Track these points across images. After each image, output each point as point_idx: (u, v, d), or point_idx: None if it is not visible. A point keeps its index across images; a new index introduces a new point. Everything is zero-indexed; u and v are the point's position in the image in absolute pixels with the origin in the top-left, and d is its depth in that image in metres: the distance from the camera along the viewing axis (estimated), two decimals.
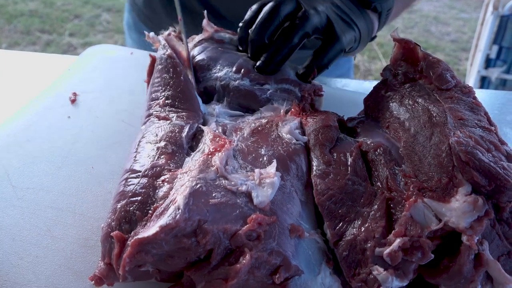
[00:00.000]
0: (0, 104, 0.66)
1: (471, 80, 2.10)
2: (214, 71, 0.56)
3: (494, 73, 2.02)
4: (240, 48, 0.59)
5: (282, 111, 0.52)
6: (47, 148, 0.54)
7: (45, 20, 2.87)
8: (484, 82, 2.07)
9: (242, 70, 0.56)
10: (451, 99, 0.43)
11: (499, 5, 1.98)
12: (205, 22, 0.62)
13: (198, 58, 0.58)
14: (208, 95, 0.55)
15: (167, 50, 0.55)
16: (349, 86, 0.76)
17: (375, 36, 0.66)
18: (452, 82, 0.45)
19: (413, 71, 0.48)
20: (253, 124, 0.49)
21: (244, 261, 0.34)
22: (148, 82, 0.56)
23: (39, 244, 0.43)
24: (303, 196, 0.43)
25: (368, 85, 0.77)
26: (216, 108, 0.53)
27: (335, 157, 0.45)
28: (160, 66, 0.54)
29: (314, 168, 0.44)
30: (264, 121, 0.50)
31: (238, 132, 0.47)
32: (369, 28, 0.62)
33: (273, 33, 0.56)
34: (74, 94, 0.62)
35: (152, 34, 0.58)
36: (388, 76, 0.50)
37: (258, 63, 0.56)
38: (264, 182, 0.39)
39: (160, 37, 0.58)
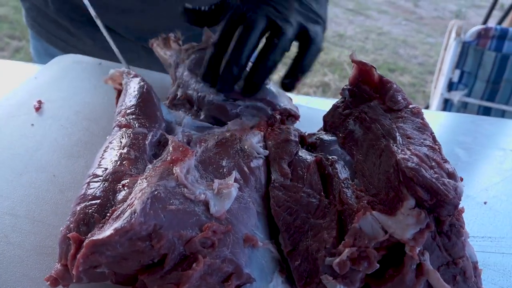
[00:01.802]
0: None
1: (435, 102, 2.19)
2: (194, 80, 0.59)
3: (456, 96, 2.11)
4: (206, 74, 0.57)
5: (248, 126, 0.54)
6: (8, 155, 0.53)
7: (15, 26, 2.82)
8: (447, 105, 2.16)
9: None
10: (402, 118, 0.46)
11: (462, 32, 2.08)
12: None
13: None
14: (189, 102, 0.58)
15: (131, 74, 0.57)
16: (314, 104, 0.79)
17: None
18: (403, 103, 0.47)
19: (369, 91, 0.50)
20: (217, 137, 0.50)
21: (197, 267, 0.35)
22: None
23: None
24: (260, 208, 0.44)
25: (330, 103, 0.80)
26: (185, 119, 0.54)
27: (292, 170, 0.46)
28: (127, 88, 0.55)
29: (272, 180, 0.46)
30: (228, 134, 0.51)
31: (203, 144, 0.49)
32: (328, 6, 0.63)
33: (248, 57, 0.55)
34: (39, 102, 0.62)
35: (112, 71, 0.59)
36: (346, 95, 0.52)
37: (242, 89, 0.56)
38: (222, 192, 0.41)
39: (123, 68, 0.60)
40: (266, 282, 0.39)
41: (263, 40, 0.57)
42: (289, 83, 0.57)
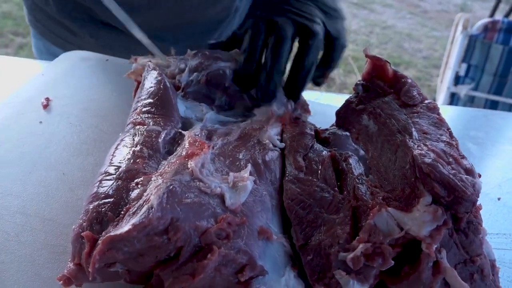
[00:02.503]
0: None
1: (441, 96, 2.17)
2: (218, 63, 0.59)
3: (463, 90, 2.10)
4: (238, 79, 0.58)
5: (273, 113, 0.55)
6: (17, 153, 0.53)
7: (19, 22, 2.81)
8: (453, 99, 2.14)
9: None
10: (417, 114, 0.45)
11: (468, 25, 2.06)
12: None
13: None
14: (214, 80, 0.57)
15: (150, 67, 0.56)
16: (322, 99, 0.78)
17: None
18: (418, 98, 0.47)
19: (383, 86, 0.50)
20: (240, 130, 0.51)
21: (211, 257, 0.35)
22: None
23: (6, 249, 0.42)
24: (274, 201, 0.44)
25: (340, 99, 0.80)
26: (207, 114, 0.54)
27: (307, 164, 0.46)
28: (144, 82, 0.55)
29: (287, 173, 0.46)
30: (249, 127, 0.51)
31: (225, 137, 0.49)
32: None
33: (285, 65, 0.57)
34: (47, 99, 0.61)
35: (135, 65, 0.59)
36: (360, 90, 0.52)
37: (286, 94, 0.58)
38: (237, 185, 0.40)
39: (144, 60, 0.60)
40: (279, 276, 0.39)
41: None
42: (319, 80, 0.60)
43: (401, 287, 0.37)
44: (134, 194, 0.39)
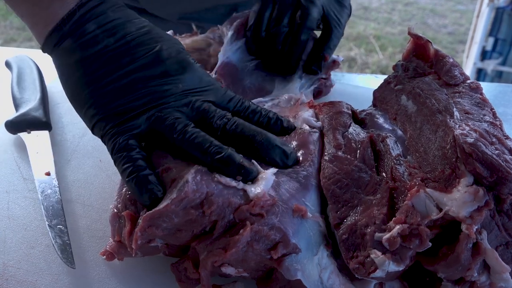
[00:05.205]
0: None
1: (467, 72, 2.10)
2: None
3: (490, 65, 2.04)
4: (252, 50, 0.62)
5: (299, 99, 0.54)
6: (57, 141, 0.55)
7: None
8: (480, 74, 2.09)
9: None
10: (459, 93, 0.44)
11: None
12: None
13: None
14: None
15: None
16: (345, 80, 0.77)
17: None
18: (460, 78, 0.46)
19: (423, 66, 0.49)
20: None
21: (243, 233, 0.35)
22: None
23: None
24: (314, 181, 0.44)
25: (362, 79, 0.79)
26: None
27: (346, 142, 0.46)
28: None
29: (325, 152, 0.45)
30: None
31: None
32: None
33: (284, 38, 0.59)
34: None
35: None
36: (399, 70, 0.51)
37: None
38: (257, 179, 0.40)
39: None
40: (312, 254, 0.39)
41: None
42: (314, 66, 0.60)
43: (438, 268, 0.37)
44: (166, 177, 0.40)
